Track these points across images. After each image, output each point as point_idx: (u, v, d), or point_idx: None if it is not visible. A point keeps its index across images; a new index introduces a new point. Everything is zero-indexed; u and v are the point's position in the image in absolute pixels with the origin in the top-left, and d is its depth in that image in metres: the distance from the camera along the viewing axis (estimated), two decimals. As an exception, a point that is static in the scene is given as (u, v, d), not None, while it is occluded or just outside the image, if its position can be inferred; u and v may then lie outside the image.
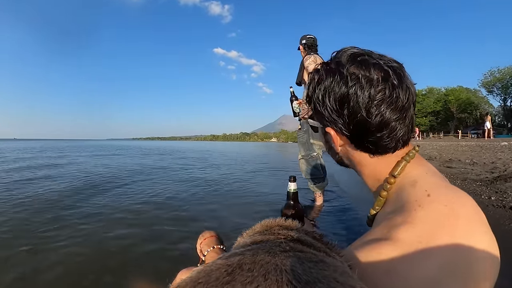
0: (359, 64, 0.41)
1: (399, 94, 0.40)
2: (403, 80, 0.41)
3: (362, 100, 0.40)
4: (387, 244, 0.36)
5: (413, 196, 0.39)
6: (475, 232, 0.34)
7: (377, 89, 0.40)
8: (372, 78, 0.40)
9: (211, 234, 0.67)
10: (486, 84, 45.06)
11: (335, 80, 0.42)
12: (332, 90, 0.43)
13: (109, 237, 1.92)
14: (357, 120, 0.42)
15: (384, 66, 0.41)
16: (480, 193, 2.97)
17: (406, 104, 0.41)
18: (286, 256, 0.21)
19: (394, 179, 0.44)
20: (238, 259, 0.21)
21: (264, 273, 0.18)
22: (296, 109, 2.70)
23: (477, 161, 5.45)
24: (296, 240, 0.28)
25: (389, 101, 0.40)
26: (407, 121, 0.43)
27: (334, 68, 0.43)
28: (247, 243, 0.28)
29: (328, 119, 0.46)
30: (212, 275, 0.19)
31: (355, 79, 0.41)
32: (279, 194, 3.38)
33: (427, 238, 0.34)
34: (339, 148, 0.49)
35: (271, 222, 0.33)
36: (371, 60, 0.41)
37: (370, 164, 0.47)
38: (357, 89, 0.40)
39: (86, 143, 42.18)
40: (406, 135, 0.44)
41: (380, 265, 0.35)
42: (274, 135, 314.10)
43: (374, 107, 0.40)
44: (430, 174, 0.42)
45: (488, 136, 16.51)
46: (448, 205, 0.36)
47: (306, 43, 2.62)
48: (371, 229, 0.42)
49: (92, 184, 4.03)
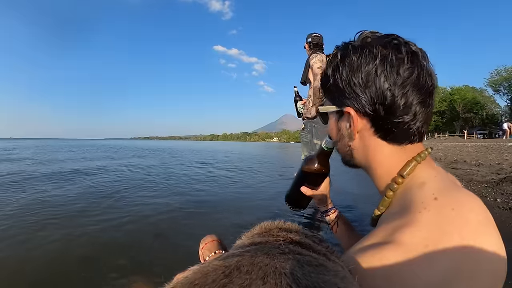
0: (389, 43, 0.41)
1: (426, 76, 0.40)
2: (427, 64, 0.41)
3: (390, 77, 0.40)
4: (389, 248, 0.35)
5: (419, 198, 0.38)
6: (483, 237, 0.33)
7: (405, 67, 0.39)
8: (402, 58, 0.40)
9: (213, 238, 0.66)
10: (493, 83, 44.41)
11: (363, 55, 0.41)
12: (359, 66, 0.42)
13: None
14: (383, 97, 0.41)
15: (413, 48, 0.41)
16: (485, 195, 2.94)
17: (430, 89, 0.41)
18: (285, 258, 0.21)
19: (402, 179, 0.42)
20: (236, 260, 0.20)
21: (262, 275, 0.18)
22: (301, 109, 2.69)
23: (483, 162, 5.38)
24: (296, 242, 0.27)
25: (416, 82, 0.40)
26: (429, 109, 0.42)
27: (361, 45, 0.43)
28: (246, 244, 0.27)
29: (351, 96, 0.43)
30: (209, 277, 0.18)
31: (384, 55, 0.40)
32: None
33: (433, 242, 0.33)
34: (357, 135, 0.46)
35: (270, 225, 0.33)
36: (400, 41, 0.41)
37: (383, 155, 0.45)
38: (386, 66, 0.40)
39: (86, 143, 41.03)
40: (425, 124, 0.43)
41: (381, 270, 0.33)
42: (275, 135, 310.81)
43: (400, 86, 0.40)
44: (439, 178, 0.41)
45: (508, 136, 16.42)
46: (456, 209, 0.35)
47: (311, 41, 2.59)
48: (373, 231, 0.41)
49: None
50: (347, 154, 0.50)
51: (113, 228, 2.11)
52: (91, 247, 1.77)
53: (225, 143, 75.48)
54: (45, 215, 2.39)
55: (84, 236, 1.94)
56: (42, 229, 2.05)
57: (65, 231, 2.02)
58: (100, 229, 2.08)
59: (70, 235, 1.95)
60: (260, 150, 19.89)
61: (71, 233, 1.99)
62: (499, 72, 42.91)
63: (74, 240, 1.86)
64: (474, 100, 48.22)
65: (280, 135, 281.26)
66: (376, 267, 0.34)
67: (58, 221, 2.24)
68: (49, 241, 1.83)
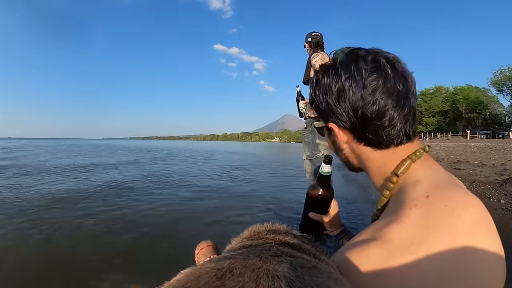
0: (351, 58, 0.43)
1: (394, 81, 0.41)
2: (397, 68, 0.42)
3: (357, 90, 0.42)
4: (375, 245, 0.34)
5: (411, 196, 0.38)
6: (479, 237, 0.32)
7: (369, 78, 0.41)
8: (364, 69, 0.42)
9: (208, 243, 0.66)
10: (496, 83, 44.10)
11: (330, 76, 0.45)
12: (329, 87, 0.45)
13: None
14: (355, 109, 0.43)
15: (376, 56, 0.42)
16: (489, 196, 2.92)
17: (403, 91, 0.42)
18: (278, 261, 0.21)
19: (397, 178, 0.43)
20: (229, 263, 0.20)
21: (255, 278, 0.18)
22: (303, 109, 2.67)
23: (486, 162, 5.35)
24: (285, 243, 0.27)
25: (383, 89, 0.41)
26: (406, 111, 0.42)
27: (330, 66, 0.46)
28: (237, 247, 0.27)
29: (329, 114, 0.47)
30: (201, 279, 0.18)
31: (348, 71, 0.43)
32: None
33: (420, 239, 0.32)
34: (344, 146, 0.49)
35: (258, 227, 0.33)
36: (363, 53, 0.43)
37: (376, 160, 0.46)
38: (351, 81, 0.42)
39: (86, 143, 41.54)
40: (407, 126, 0.43)
41: (368, 267, 0.33)
42: (276, 135, 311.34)
43: (369, 96, 0.41)
44: (435, 176, 0.41)
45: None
46: (449, 206, 0.34)
47: (312, 41, 2.57)
48: (366, 228, 0.41)
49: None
50: (346, 162, 0.53)
51: (116, 229, 2.11)
52: (91, 247, 1.77)
53: (225, 143, 75.19)
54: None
55: (85, 235, 1.94)
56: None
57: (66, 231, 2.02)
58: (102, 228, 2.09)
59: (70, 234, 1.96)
60: (261, 150, 19.86)
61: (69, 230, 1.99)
62: (502, 72, 42.61)
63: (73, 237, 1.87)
64: (477, 99, 47.92)
65: (281, 135, 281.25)
66: (363, 264, 0.34)
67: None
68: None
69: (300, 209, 0.79)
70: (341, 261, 0.35)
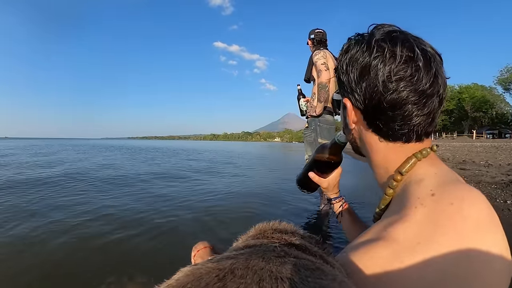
0: (390, 39, 0.41)
1: (422, 77, 0.39)
2: (431, 66, 0.39)
3: (381, 73, 0.40)
4: (380, 245, 0.34)
5: (416, 194, 0.37)
6: (485, 235, 0.32)
7: (399, 66, 0.39)
8: (397, 54, 0.39)
9: (205, 245, 0.64)
10: (503, 82, 43.51)
11: (362, 49, 0.42)
12: (356, 59, 0.43)
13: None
14: (373, 92, 0.41)
15: (415, 47, 0.39)
16: (495, 197, 2.86)
17: (429, 91, 0.39)
18: (281, 262, 0.20)
19: (401, 176, 0.42)
20: (230, 263, 0.20)
21: (258, 280, 0.18)
22: (303, 107, 2.65)
23: (492, 162, 5.27)
24: (291, 244, 0.27)
25: (409, 81, 0.39)
26: (426, 110, 0.40)
27: (364, 38, 0.44)
28: (240, 247, 0.27)
29: (347, 89, 0.46)
30: (202, 280, 0.18)
31: (380, 51, 0.40)
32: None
33: (427, 239, 0.31)
34: (353, 125, 0.48)
35: (264, 226, 0.32)
36: (404, 38, 0.40)
37: (380, 152, 0.45)
38: (379, 61, 0.40)
39: (86, 143, 40.43)
40: (422, 127, 0.41)
41: (372, 268, 0.32)
42: (277, 134, 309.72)
43: (392, 83, 0.39)
44: (440, 174, 0.39)
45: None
46: (455, 204, 0.33)
47: (314, 38, 2.53)
48: (369, 228, 0.40)
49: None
50: (352, 142, 0.52)
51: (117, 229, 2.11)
52: (90, 246, 1.77)
53: (225, 143, 74.78)
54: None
55: (86, 235, 1.95)
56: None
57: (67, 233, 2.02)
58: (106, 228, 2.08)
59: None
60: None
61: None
62: (509, 70, 42.02)
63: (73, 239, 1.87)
64: (483, 98, 47.33)
65: (283, 134, 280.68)
66: (367, 265, 0.33)
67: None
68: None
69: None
70: (345, 262, 0.34)
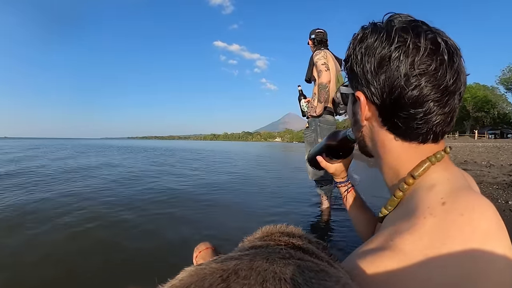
0: (412, 29, 0.37)
1: (446, 72, 0.36)
2: (454, 60, 0.37)
3: (403, 66, 0.37)
4: (387, 255, 0.33)
5: (426, 202, 0.36)
6: (493, 244, 0.31)
7: (423, 58, 0.36)
8: (421, 46, 0.36)
9: (207, 246, 0.64)
10: (505, 81, 43.29)
11: (380, 38, 0.39)
12: (374, 48, 0.39)
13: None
14: (393, 86, 0.38)
15: (439, 39, 0.37)
16: (496, 197, 2.85)
17: (451, 88, 0.37)
18: (285, 263, 0.20)
19: (413, 180, 0.40)
20: (234, 264, 0.20)
21: (261, 281, 0.17)
22: (304, 107, 2.65)
23: (494, 163, 5.25)
24: (297, 247, 0.26)
25: (433, 76, 0.36)
26: (447, 109, 0.38)
27: (383, 27, 0.40)
28: (245, 248, 0.26)
29: (362, 81, 0.42)
30: (206, 281, 0.18)
31: (402, 41, 0.37)
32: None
33: (434, 252, 0.31)
34: (365, 122, 0.45)
35: (272, 228, 0.32)
36: (427, 29, 0.38)
37: (393, 152, 0.42)
38: (401, 53, 0.37)
39: (86, 142, 40.54)
40: (441, 126, 0.39)
41: (378, 279, 0.32)
42: (278, 134, 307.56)
43: (414, 77, 0.36)
44: (453, 180, 0.38)
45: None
46: (465, 214, 0.32)
47: (315, 38, 2.52)
48: (376, 234, 0.39)
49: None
50: (360, 140, 0.49)
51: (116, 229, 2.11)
52: (90, 246, 1.77)
53: (226, 143, 74.39)
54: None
55: (88, 234, 1.95)
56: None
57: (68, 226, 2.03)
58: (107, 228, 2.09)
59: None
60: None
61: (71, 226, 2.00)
62: (511, 70, 41.78)
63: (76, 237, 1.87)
64: (485, 98, 47.08)
65: (283, 134, 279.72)
66: (373, 275, 0.32)
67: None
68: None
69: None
70: (350, 269, 0.34)
